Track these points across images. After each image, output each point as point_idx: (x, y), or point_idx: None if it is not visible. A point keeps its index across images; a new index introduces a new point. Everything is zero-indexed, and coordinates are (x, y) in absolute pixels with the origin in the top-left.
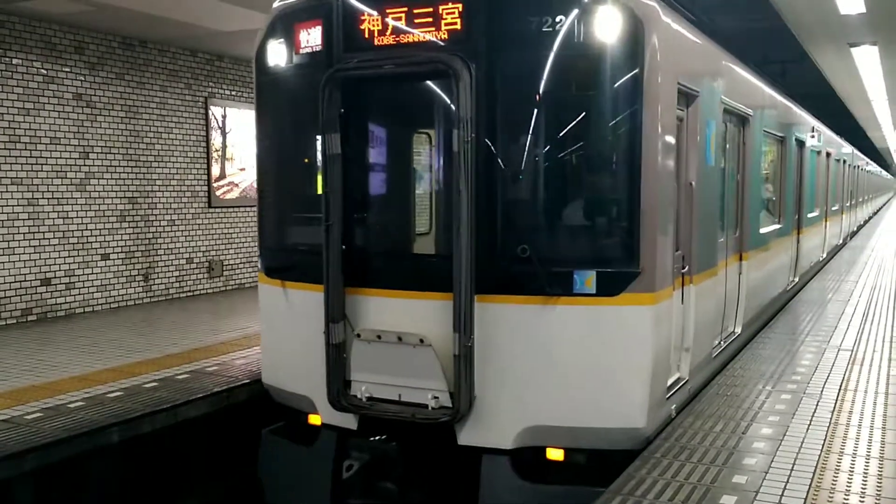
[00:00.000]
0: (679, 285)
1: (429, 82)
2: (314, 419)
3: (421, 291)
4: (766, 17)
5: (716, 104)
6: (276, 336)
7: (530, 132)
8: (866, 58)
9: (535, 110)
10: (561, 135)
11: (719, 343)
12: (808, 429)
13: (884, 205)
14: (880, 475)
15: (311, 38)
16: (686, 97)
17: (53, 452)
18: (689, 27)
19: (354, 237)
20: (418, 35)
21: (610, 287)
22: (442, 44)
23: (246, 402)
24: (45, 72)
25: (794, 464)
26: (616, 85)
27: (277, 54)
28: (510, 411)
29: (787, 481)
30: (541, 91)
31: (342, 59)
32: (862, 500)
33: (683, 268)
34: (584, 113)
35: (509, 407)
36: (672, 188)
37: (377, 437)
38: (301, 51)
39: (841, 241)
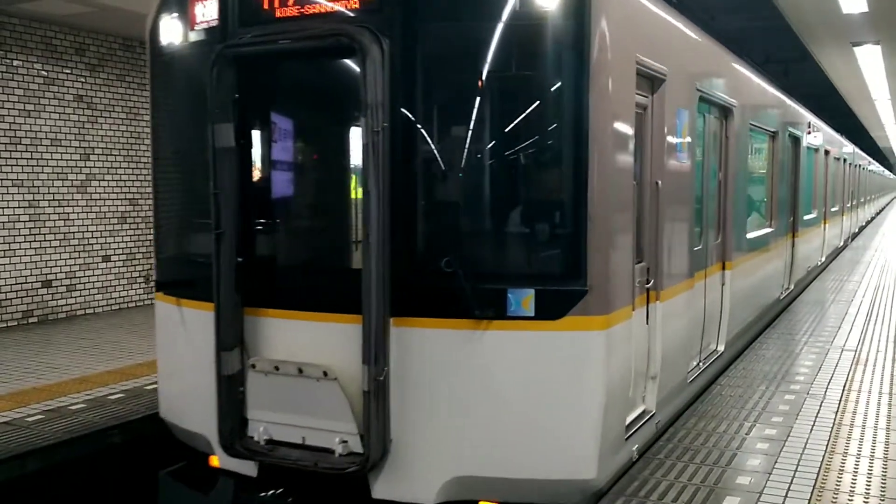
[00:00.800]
0: (643, 303)
1: (346, 61)
2: (215, 461)
3: (327, 313)
4: (769, 16)
5: (689, 91)
6: (171, 362)
7: (456, 121)
8: (869, 57)
9: (461, 94)
10: (492, 124)
11: (697, 365)
12: (811, 429)
13: (887, 205)
14: (884, 476)
15: (207, 10)
16: (650, 81)
17: (54, 454)
18: (656, 1)
19: (255, 247)
20: (325, 4)
21: (551, 308)
22: (352, 14)
23: None
24: (45, 73)
25: (797, 465)
26: (557, 62)
27: (171, 31)
28: (434, 459)
29: (791, 482)
30: (468, 71)
31: (238, 35)
32: (866, 500)
33: (648, 282)
34: (519, 97)
35: (433, 453)
36: (630, 188)
37: (271, 492)
38: (196, 26)
39: (842, 244)
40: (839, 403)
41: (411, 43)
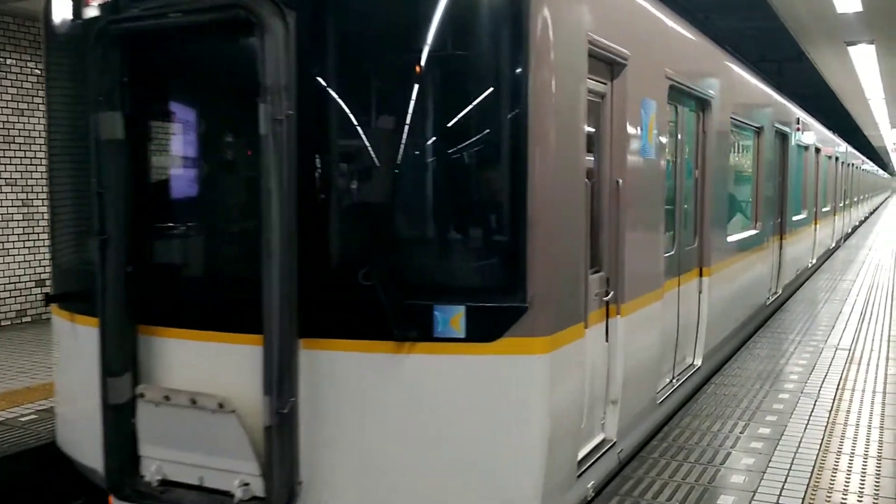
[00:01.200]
0: (601, 318)
1: (251, 38)
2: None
3: (230, 332)
4: (764, 16)
5: (656, 79)
6: (66, 386)
7: (372, 109)
8: (863, 56)
9: (379, 78)
10: (415, 112)
11: (670, 382)
12: (805, 428)
13: (881, 204)
14: (878, 474)
15: None
16: (609, 65)
17: (48, 454)
18: None
19: (150, 255)
20: None
21: (485, 328)
22: None
23: None
24: (39, 72)
25: (791, 463)
26: (491, 40)
27: (65, 10)
28: (351, 502)
29: (785, 481)
30: (386, 50)
31: (127, 9)
32: (860, 499)
33: (606, 294)
34: (447, 81)
35: (350, 496)
36: (581, 187)
37: None
38: (91, 2)
39: (834, 244)
40: (833, 402)
41: (321, 17)
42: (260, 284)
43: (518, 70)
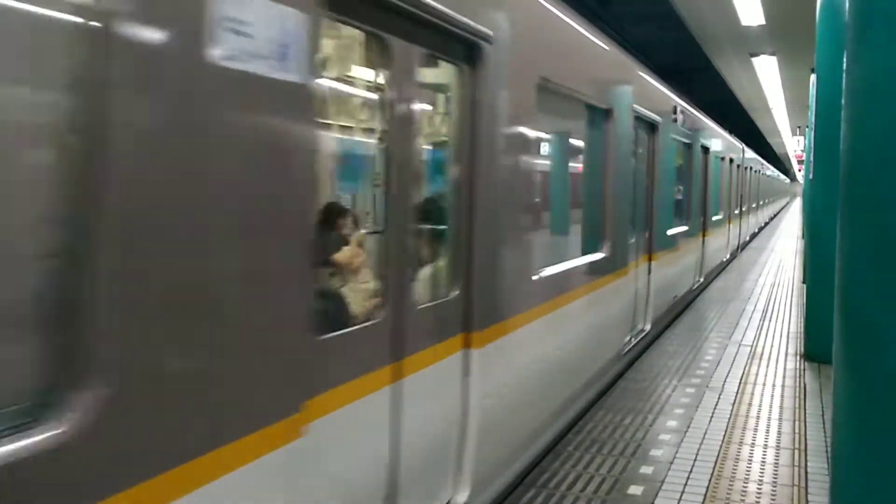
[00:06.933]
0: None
1: None
2: None
3: None
4: (675, 27)
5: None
6: None
7: None
8: (766, 67)
9: None
10: None
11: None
12: (710, 420)
13: (783, 207)
14: (776, 463)
15: None
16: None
17: None
18: None
19: None
20: None
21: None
22: None
23: None
24: None
25: (697, 454)
26: None
27: None
28: None
29: (691, 471)
30: None
31: None
32: (759, 487)
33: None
34: None
35: None
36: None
37: None
38: None
39: (748, 239)
40: (736, 395)
41: None
42: None
43: None
